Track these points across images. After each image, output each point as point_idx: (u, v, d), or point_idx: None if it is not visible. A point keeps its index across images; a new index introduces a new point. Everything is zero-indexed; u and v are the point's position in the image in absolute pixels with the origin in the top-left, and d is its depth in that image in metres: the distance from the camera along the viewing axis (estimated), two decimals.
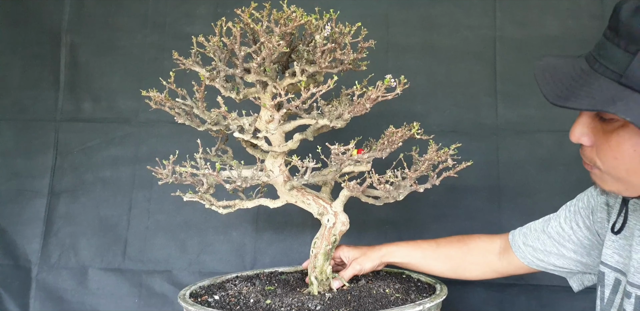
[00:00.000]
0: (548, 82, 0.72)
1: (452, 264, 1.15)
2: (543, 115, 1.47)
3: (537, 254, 1.06)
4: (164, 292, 1.47)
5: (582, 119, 0.78)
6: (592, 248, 1.00)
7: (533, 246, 1.07)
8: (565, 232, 1.03)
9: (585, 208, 1.01)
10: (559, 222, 1.05)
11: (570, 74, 0.72)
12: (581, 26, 1.49)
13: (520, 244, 1.09)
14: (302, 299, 0.98)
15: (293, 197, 1.08)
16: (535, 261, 1.07)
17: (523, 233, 1.10)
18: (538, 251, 1.06)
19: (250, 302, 0.98)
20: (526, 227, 1.12)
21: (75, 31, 1.57)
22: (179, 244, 1.49)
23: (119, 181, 1.52)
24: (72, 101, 1.55)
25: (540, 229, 1.08)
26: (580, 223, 1.01)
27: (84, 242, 1.49)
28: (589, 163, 0.80)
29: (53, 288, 1.47)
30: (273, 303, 0.96)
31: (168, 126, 1.50)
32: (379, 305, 0.95)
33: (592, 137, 0.77)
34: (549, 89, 0.71)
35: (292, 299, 0.98)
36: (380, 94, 0.94)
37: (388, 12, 1.54)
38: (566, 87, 0.70)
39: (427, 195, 1.43)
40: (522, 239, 1.10)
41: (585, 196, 1.02)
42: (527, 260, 1.08)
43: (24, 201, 1.51)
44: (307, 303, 0.95)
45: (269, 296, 1.01)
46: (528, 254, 1.07)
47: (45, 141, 1.54)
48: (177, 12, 1.56)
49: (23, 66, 1.57)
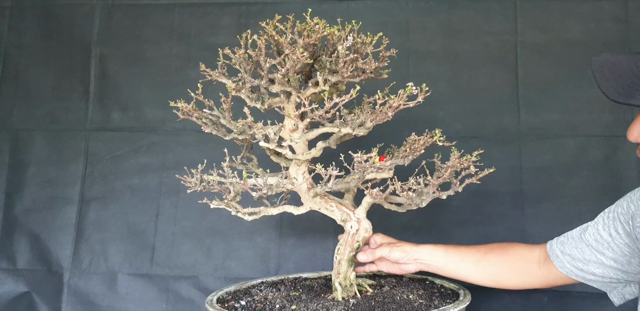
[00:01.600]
0: (607, 79, 0.71)
1: (492, 270, 1.12)
2: (566, 120, 1.46)
3: (575, 263, 1.03)
4: (190, 297, 1.49)
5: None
6: (633, 255, 0.97)
7: (571, 254, 1.04)
8: (604, 239, 1.00)
9: (624, 213, 0.98)
10: (597, 229, 1.02)
11: (632, 70, 0.71)
12: (604, 30, 1.48)
13: (558, 253, 1.06)
14: (326, 304, 0.99)
15: (316, 204, 1.09)
16: (574, 270, 1.04)
17: (560, 242, 1.08)
18: (577, 260, 1.03)
19: (276, 308, 1.00)
20: (564, 236, 1.09)
21: (104, 43, 1.62)
22: (204, 250, 1.52)
23: (147, 189, 1.55)
24: (102, 111, 1.60)
25: (578, 237, 1.05)
26: (620, 229, 0.98)
27: (113, 248, 1.53)
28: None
29: (84, 292, 1.52)
30: (298, 309, 0.98)
31: (194, 134, 1.53)
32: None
33: None
34: (609, 86, 0.70)
35: (317, 304, 0.99)
36: (402, 102, 0.96)
37: (408, 19, 1.55)
38: (628, 84, 0.69)
39: (449, 201, 1.43)
40: (559, 248, 1.07)
41: (625, 201, 1.00)
42: (565, 269, 1.05)
43: (56, 208, 1.56)
44: (331, 308, 0.97)
45: (294, 301, 1.03)
46: (567, 263, 1.04)
47: (76, 150, 1.58)
48: (201, 24, 1.60)
49: (55, 78, 1.62)
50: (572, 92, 1.47)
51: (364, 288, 1.10)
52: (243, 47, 0.98)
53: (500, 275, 1.12)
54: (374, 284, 1.15)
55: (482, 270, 1.12)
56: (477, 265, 1.12)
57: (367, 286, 1.11)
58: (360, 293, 1.07)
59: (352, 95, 0.93)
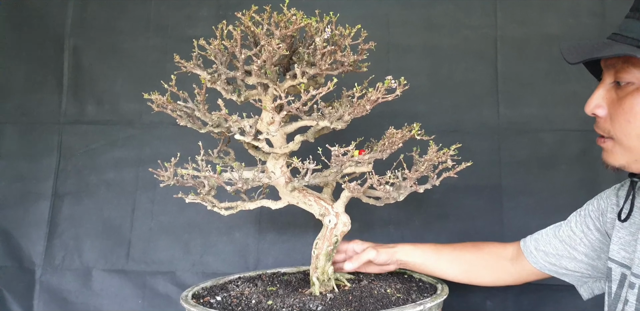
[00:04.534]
0: (571, 52, 0.80)
1: (466, 267, 1.16)
2: (545, 114, 1.47)
3: (549, 259, 1.08)
4: (167, 293, 1.47)
5: (597, 92, 0.85)
6: (603, 251, 1.02)
7: (545, 250, 1.09)
8: (576, 235, 1.05)
9: (595, 210, 1.03)
10: (569, 227, 1.07)
11: (592, 45, 0.81)
12: (582, 25, 1.49)
13: (532, 250, 1.11)
14: (303, 299, 0.98)
15: (295, 198, 1.08)
16: (547, 265, 1.08)
17: (534, 239, 1.12)
18: (550, 255, 1.08)
19: (252, 303, 0.98)
20: (537, 233, 1.14)
21: (78, 35, 1.58)
22: (182, 245, 1.50)
23: (122, 183, 1.52)
24: (76, 103, 1.56)
25: (552, 234, 1.10)
26: (591, 225, 1.03)
27: (88, 244, 1.50)
28: (603, 133, 0.86)
29: (57, 289, 1.48)
30: (275, 304, 0.97)
31: (171, 128, 1.51)
32: (380, 305, 0.96)
33: (605, 107, 0.84)
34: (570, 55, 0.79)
35: (294, 300, 0.98)
36: (381, 95, 0.95)
37: (388, 13, 1.54)
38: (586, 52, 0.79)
39: (429, 195, 1.43)
40: (533, 244, 1.11)
41: (595, 200, 1.05)
42: (539, 265, 1.09)
43: (28, 203, 1.52)
44: (308, 303, 0.96)
45: (270, 297, 1.02)
46: (540, 258, 1.09)
47: (49, 144, 1.54)
48: (179, 15, 1.57)
49: (26, 69, 1.58)
50: (550, 86, 1.48)
51: (342, 283, 1.10)
52: (219, 38, 0.96)
53: (474, 271, 1.17)
54: (352, 278, 1.15)
55: (457, 267, 1.16)
56: (452, 262, 1.16)
57: (345, 281, 1.11)
58: (338, 287, 1.07)
59: (329, 88, 0.91)
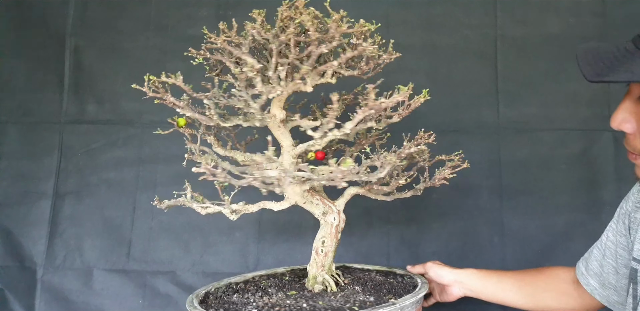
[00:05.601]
0: (589, 63, 0.71)
1: (529, 291, 1.11)
2: (544, 114, 1.47)
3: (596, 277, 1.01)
4: (167, 292, 1.47)
5: (624, 104, 0.76)
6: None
7: (592, 268, 1.02)
8: (613, 244, 0.99)
9: (624, 213, 0.97)
10: (607, 235, 1.01)
11: (613, 54, 0.71)
12: (583, 24, 1.49)
13: (582, 270, 1.04)
14: (307, 297, 0.98)
15: (304, 198, 1.07)
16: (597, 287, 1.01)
17: (584, 258, 1.06)
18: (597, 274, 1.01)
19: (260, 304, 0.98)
20: (587, 252, 1.07)
21: (79, 34, 1.58)
22: (182, 245, 1.50)
23: (123, 183, 1.53)
24: (76, 103, 1.56)
25: (595, 246, 1.04)
26: (623, 230, 0.96)
27: (89, 243, 1.50)
28: (633, 151, 0.78)
29: (58, 289, 1.49)
30: (279, 301, 0.97)
31: (171, 127, 1.50)
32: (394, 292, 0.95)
33: (634, 123, 0.75)
34: (589, 69, 0.70)
35: (293, 297, 0.98)
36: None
37: (388, 13, 1.54)
38: (607, 66, 0.69)
39: (429, 194, 1.43)
40: (583, 264, 1.05)
41: (623, 202, 0.98)
42: (589, 287, 1.02)
43: (29, 202, 1.53)
44: (317, 300, 0.96)
45: (272, 295, 1.02)
46: (590, 278, 1.02)
47: (50, 143, 1.55)
48: (179, 15, 1.57)
49: (28, 69, 1.58)
50: (550, 86, 1.48)
51: (340, 279, 1.10)
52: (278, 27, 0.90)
53: (536, 294, 1.11)
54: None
55: (519, 290, 1.11)
56: (514, 285, 1.11)
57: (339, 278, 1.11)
58: (336, 284, 1.07)
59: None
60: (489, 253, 1.43)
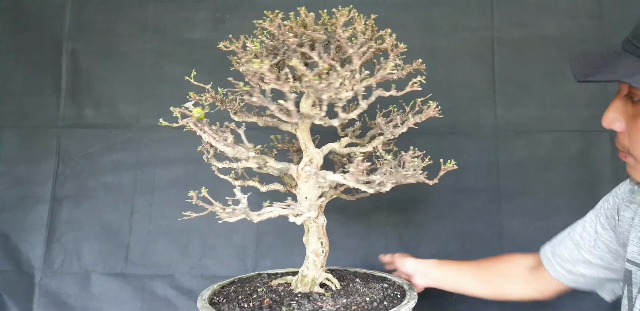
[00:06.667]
0: (580, 65, 0.73)
1: (487, 277, 1.14)
2: (542, 115, 1.47)
3: (565, 265, 1.03)
4: (166, 296, 1.47)
5: (614, 104, 0.78)
6: (619, 253, 0.96)
7: (561, 255, 1.04)
8: (590, 236, 1.00)
9: (610, 208, 0.98)
10: (583, 226, 1.03)
11: (602, 56, 0.74)
12: (579, 26, 1.50)
13: (549, 256, 1.07)
14: (308, 297, 0.98)
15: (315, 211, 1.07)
16: (564, 273, 1.04)
17: (551, 244, 1.09)
18: (566, 261, 1.03)
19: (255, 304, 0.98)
20: (554, 238, 1.10)
21: (76, 38, 1.58)
22: (180, 248, 1.49)
23: (121, 186, 1.52)
24: (74, 107, 1.56)
25: (566, 235, 1.06)
26: (606, 224, 0.98)
27: (87, 247, 1.50)
28: (624, 150, 0.79)
29: (56, 293, 1.48)
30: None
31: (168, 130, 1.50)
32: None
33: (623, 122, 0.77)
34: (579, 71, 0.72)
35: (293, 298, 0.98)
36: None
37: (387, 15, 1.54)
38: (595, 67, 0.72)
39: (427, 196, 1.44)
40: (550, 249, 1.07)
41: (610, 196, 1.00)
42: (556, 273, 1.05)
43: (27, 207, 1.52)
44: (319, 301, 0.96)
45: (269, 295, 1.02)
46: (557, 265, 1.04)
47: (48, 148, 1.54)
48: (176, 18, 1.57)
49: (25, 73, 1.58)
50: (548, 87, 1.48)
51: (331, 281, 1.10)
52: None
53: (493, 280, 1.14)
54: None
55: (476, 277, 1.14)
56: (470, 272, 1.15)
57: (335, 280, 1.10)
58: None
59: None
60: (487, 255, 1.42)
